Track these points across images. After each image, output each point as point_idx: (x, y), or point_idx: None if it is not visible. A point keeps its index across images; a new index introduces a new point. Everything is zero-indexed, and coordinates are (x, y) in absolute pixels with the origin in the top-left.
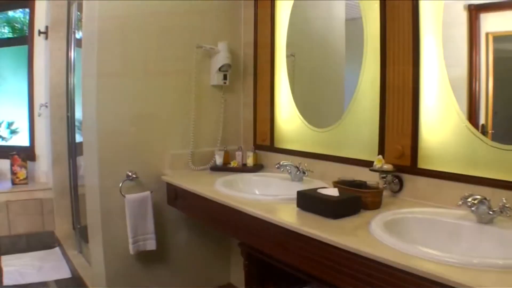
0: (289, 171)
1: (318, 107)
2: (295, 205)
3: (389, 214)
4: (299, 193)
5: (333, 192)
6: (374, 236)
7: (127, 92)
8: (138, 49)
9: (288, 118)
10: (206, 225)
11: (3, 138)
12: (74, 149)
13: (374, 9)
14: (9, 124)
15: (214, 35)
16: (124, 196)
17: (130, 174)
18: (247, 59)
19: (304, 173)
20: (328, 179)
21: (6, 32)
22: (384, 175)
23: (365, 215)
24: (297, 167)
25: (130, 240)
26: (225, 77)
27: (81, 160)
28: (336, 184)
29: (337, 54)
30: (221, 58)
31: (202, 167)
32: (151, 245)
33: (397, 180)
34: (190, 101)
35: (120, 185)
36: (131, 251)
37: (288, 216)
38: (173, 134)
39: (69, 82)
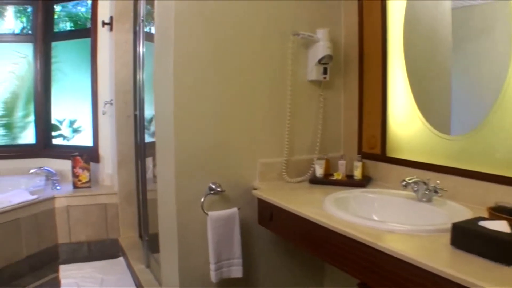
0: (416, 188)
1: (441, 108)
2: (445, 241)
3: None
4: (456, 227)
5: (501, 226)
6: None
7: (210, 89)
8: (221, 40)
9: (405, 121)
10: (314, 256)
11: (65, 137)
12: (143, 151)
13: None
14: (71, 123)
15: (309, 21)
16: (206, 214)
17: (214, 187)
18: (349, 50)
19: (435, 192)
20: (462, 200)
21: (67, 26)
22: None
23: None
24: (425, 183)
25: (212, 266)
26: (325, 71)
27: (149, 162)
28: (493, 211)
29: (445, 46)
30: (321, 48)
31: (300, 179)
32: (236, 272)
33: None
34: (284, 100)
35: (202, 200)
36: (213, 279)
37: (442, 258)
38: (264, 139)
39: (138, 78)
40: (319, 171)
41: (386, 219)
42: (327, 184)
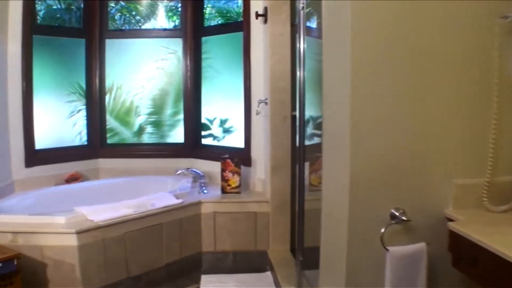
0: None
1: None
2: None
3: None
4: None
5: None
6: None
7: (393, 92)
8: (409, 31)
9: None
10: None
11: (215, 138)
12: (303, 156)
13: None
14: (222, 122)
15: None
16: (386, 249)
17: (397, 214)
18: None
19: None
20: None
21: (217, 22)
22: None
23: None
24: None
25: None
26: None
27: (305, 168)
28: None
29: None
30: None
31: (505, 208)
32: None
33: None
34: (487, 102)
35: (382, 230)
36: None
37: None
38: (461, 153)
39: (298, 75)
40: None
41: None
42: None
